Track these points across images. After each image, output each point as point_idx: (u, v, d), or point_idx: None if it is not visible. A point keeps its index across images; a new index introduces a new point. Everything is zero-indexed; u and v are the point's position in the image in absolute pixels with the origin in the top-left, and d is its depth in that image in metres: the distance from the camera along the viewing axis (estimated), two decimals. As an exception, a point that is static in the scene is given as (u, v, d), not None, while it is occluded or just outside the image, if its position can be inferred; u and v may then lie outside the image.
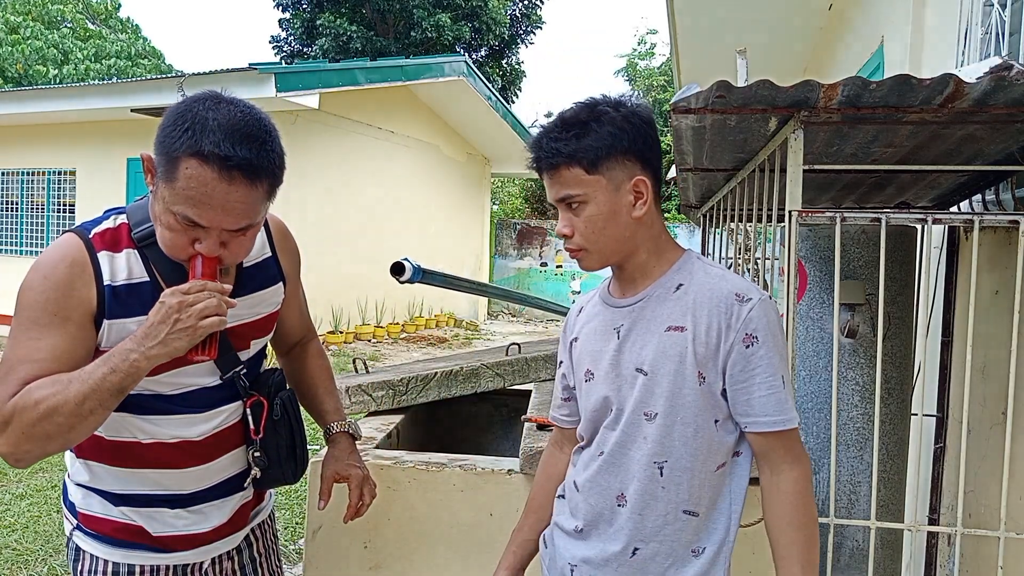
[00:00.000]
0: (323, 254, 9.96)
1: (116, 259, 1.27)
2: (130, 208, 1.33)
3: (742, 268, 2.52)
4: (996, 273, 2.00)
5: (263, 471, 1.46)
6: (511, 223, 16.58)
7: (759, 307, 1.22)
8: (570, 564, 1.36)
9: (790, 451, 1.25)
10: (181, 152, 1.14)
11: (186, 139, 1.14)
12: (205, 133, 1.14)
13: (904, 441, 2.02)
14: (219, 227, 1.19)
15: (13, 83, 17.70)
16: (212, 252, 1.21)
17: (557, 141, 1.23)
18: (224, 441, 1.41)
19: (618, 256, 1.29)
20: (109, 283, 1.26)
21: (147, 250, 1.29)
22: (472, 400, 2.73)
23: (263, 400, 1.45)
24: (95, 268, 1.25)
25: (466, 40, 18.32)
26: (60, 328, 1.22)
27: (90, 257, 1.25)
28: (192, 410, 1.35)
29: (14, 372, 1.20)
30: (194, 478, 1.38)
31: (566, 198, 1.25)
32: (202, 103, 1.18)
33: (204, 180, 1.14)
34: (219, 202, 1.16)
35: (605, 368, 1.31)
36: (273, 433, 1.46)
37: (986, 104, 1.44)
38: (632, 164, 1.24)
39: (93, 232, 1.28)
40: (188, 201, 1.16)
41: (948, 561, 2.17)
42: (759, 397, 1.23)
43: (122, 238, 1.29)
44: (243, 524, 1.51)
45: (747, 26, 5.17)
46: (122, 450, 1.34)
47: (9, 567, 3.35)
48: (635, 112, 1.25)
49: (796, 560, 1.21)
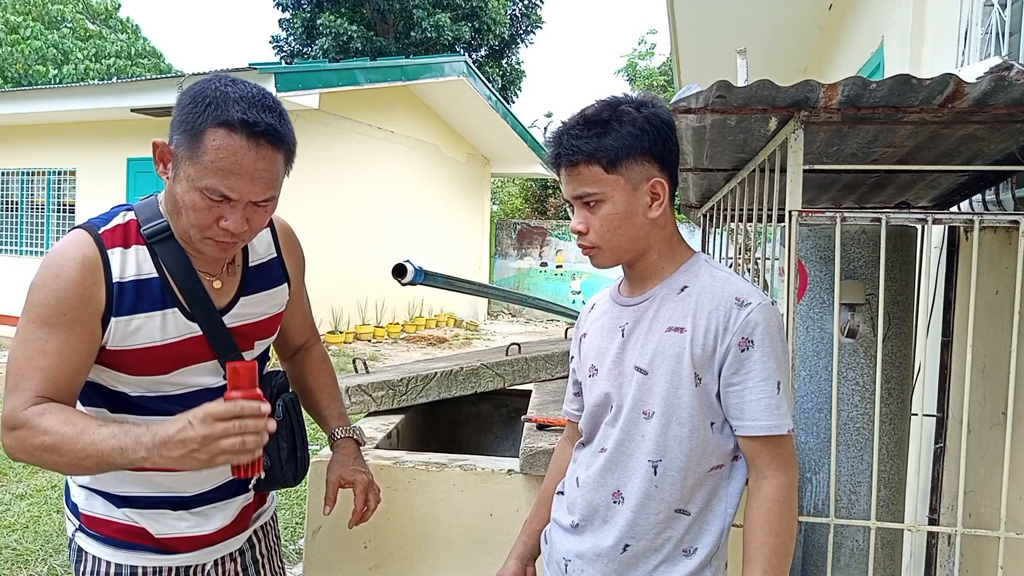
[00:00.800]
0: (323, 254, 9.95)
1: (127, 255, 1.28)
2: (138, 205, 1.34)
3: (742, 268, 2.52)
4: (996, 273, 2.00)
5: (265, 472, 1.45)
6: (511, 223, 16.58)
7: (758, 311, 1.22)
8: (564, 558, 1.38)
9: (777, 458, 1.24)
10: (208, 124, 1.17)
11: (211, 111, 1.17)
12: (229, 104, 1.17)
13: (904, 441, 2.02)
14: (246, 199, 1.21)
15: (13, 83, 17.71)
16: (239, 228, 1.22)
17: (578, 139, 1.23)
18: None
19: (630, 255, 1.30)
20: (118, 280, 1.26)
21: (156, 247, 1.30)
22: (472, 400, 2.73)
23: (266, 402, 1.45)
24: (106, 266, 1.25)
25: (466, 40, 18.32)
26: (68, 330, 1.22)
27: (101, 255, 1.25)
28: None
29: (27, 379, 1.20)
30: (196, 480, 1.38)
31: (583, 195, 1.26)
32: (217, 81, 1.22)
33: (233, 148, 1.17)
34: (248, 170, 1.19)
35: (608, 365, 1.33)
36: (275, 435, 1.45)
37: (986, 104, 1.44)
38: (650, 165, 1.25)
39: (104, 228, 1.29)
40: (218, 173, 1.18)
41: (948, 561, 2.17)
42: (750, 401, 1.23)
43: (131, 234, 1.30)
44: (245, 526, 1.51)
45: (747, 26, 5.17)
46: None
47: (9, 567, 3.35)
48: (656, 113, 1.26)
49: (760, 566, 1.21)
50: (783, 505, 1.23)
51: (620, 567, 1.30)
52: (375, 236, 11.16)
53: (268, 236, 1.49)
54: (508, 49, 20.13)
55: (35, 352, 1.21)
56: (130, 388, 1.32)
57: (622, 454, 1.30)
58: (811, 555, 1.96)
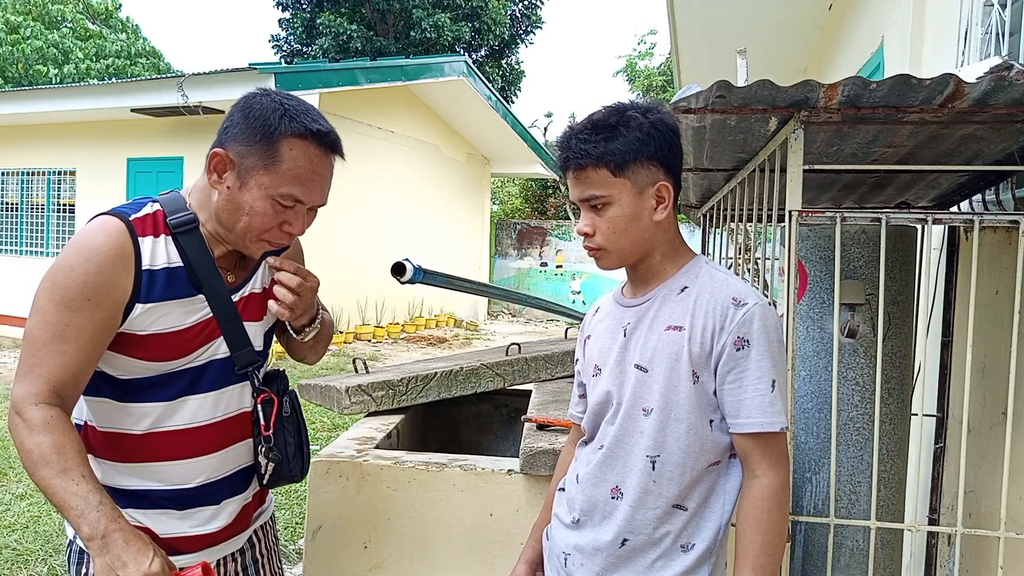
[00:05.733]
0: (323, 254, 9.93)
1: (157, 243, 1.32)
2: (162, 198, 1.38)
3: (742, 268, 2.52)
4: (996, 273, 2.00)
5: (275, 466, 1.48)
6: (511, 223, 16.58)
7: (754, 311, 1.25)
8: (564, 552, 1.40)
9: (768, 456, 1.26)
10: (285, 134, 1.25)
11: (287, 122, 1.25)
12: (298, 115, 1.26)
13: (904, 441, 2.02)
14: (316, 203, 1.32)
15: (13, 83, 17.71)
16: (303, 231, 1.34)
17: (586, 143, 1.27)
18: (229, 432, 1.42)
19: (635, 257, 1.33)
20: (149, 268, 1.30)
21: (181, 237, 1.34)
22: (472, 400, 2.73)
23: (273, 397, 1.47)
24: (136, 253, 1.29)
25: (466, 40, 18.32)
26: (89, 315, 1.24)
27: (133, 242, 1.29)
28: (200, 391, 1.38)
29: (42, 363, 1.23)
30: (199, 470, 1.39)
31: (591, 198, 1.29)
32: (266, 96, 1.29)
33: (310, 157, 1.27)
34: (322, 176, 1.30)
35: (611, 365, 1.36)
36: (282, 430, 1.49)
37: (986, 104, 1.44)
38: (656, 169, 1.28)
39: (135, 216, 1.32)
40: (295, 180, 1.27)
41: (948, 561, 2.17)
42: (744, 399, 1.25)
43: (160, 224, 1.34)
44: (246, 525, 1.51)
45: (747, 26, 5.18)
46: (124, 442, 1.35)
47: (9, 567, 3.35)
48: (662, 119, 1.29)
49: (749, 563, 1.24)
50: (772, 504, 1.25)
51: (618, 561, 1.32)
52: (375, 236, 11.15)
53: None
54: (508, 49, 20.13)
55: (53, 335, 1.23)
56: (140, 374, 1.33)
57: (620, 450, 1.33)
58: (811, 555, 1.96)
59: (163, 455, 1.36)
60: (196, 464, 1.38)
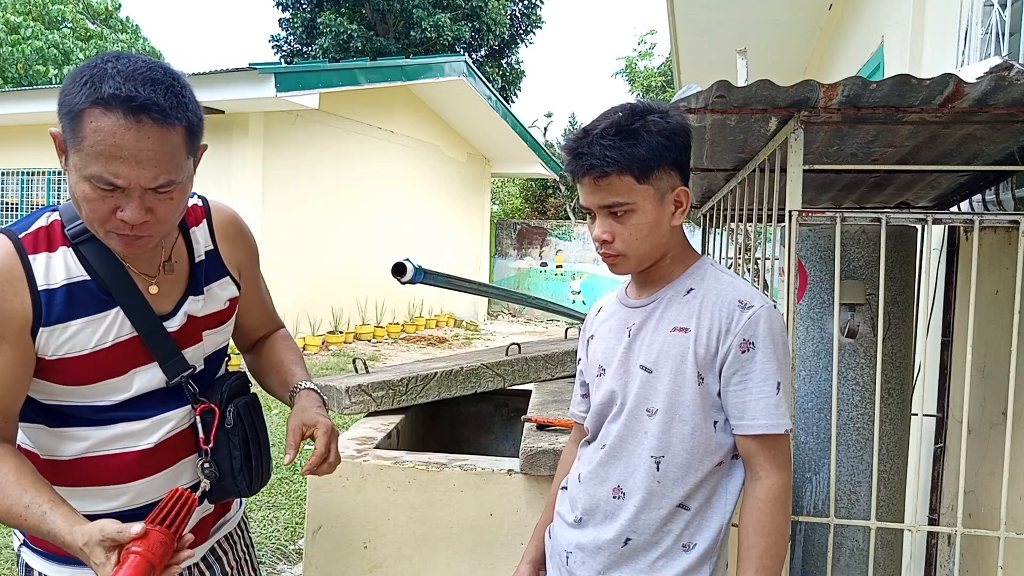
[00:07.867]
0: (323, 254, 9.95)
1: (52, 259, 1.19)
2: (63, 205, 1.24)
3: (742, 268, 2.52)
4: (996, 273, 2.00)
5: (213, 483, 1.35)
6: (511, 223, 16.57)
7: (760, 314, 1.26)
8: (566, 550, 1.40)
9: (771, 458, 1.27)
10: (84, 104, 1.06)
11: (86, 90, 1.06)
12: (105, 80, 1.06)
13: (904, 441, 2.02)
14: (137, 184, 1.09)
15: (13, 83, 17.70)
16: (137, 218, 1.11)
17: (610, 149, 1.22)
18: (174, 450, 1.32)
19: (651, 262, 1.33)
20: (45, 287, 1.17)
21: (82, 247, 1.21)
22: (472, 400, 2.73)
23: (214, 407, 1.35)
24: (28, 273, 1.16)
25: (466, 40, 18.32)
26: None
27: (21, 261, 1.16)
28: (138, 416, 1.27)
29: None
30: (145, 490, 1.29)
31: (613, 205, 1.26)
32: (103, 59, 1.10)
33: (111, 129, 1.05)
34: (131, 152, 1.06)
35: (615, 365, 1.36)
36: (225, 442, 1.36)
37: (986, 104, 1.44)
38: (675, 175, 1.28)
39: (24, 233, 1.19)
40: (99, 158, 1.06)
41: (948, 561, 2.17)
42: (749, 401, 1.26)
43: (56, 236, 1.21)
44: (204, 538, 1.41)
45: (747, 26, 5.18)
46: (63, 468, 1.26)
47: (10, 567, 3.35)
48: (681, 123, 1.28)
49: (752, 565, 1.24)
50: (775, 506, 1.25)
51: (620, 559, 1.33)
52: (375, 236, 11.15)
53: (205, 228, 1.38)
54: (508, 49, 20.13)
55: None
56: (65, 399, 1.23)
57: (623, 449, 1.33)
58: (811, 555, 1.96)
59: (105, 479, 1.27)
60: (141, 485, 1.29)
